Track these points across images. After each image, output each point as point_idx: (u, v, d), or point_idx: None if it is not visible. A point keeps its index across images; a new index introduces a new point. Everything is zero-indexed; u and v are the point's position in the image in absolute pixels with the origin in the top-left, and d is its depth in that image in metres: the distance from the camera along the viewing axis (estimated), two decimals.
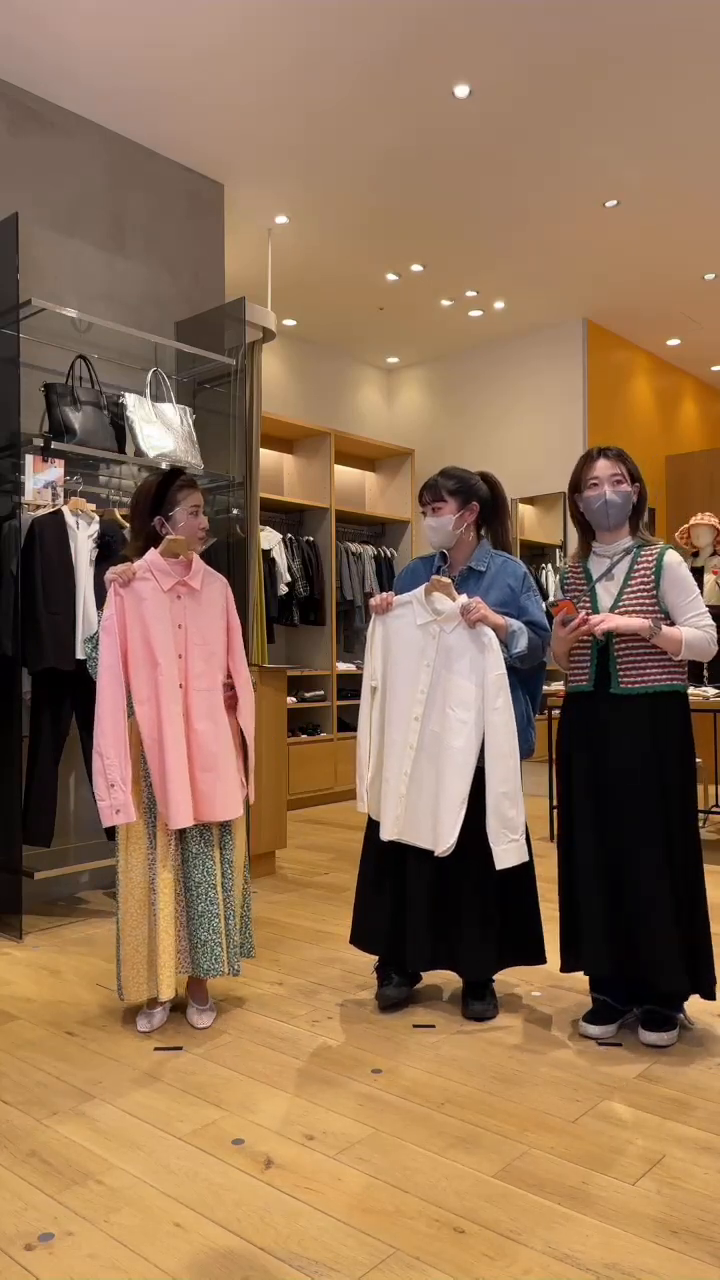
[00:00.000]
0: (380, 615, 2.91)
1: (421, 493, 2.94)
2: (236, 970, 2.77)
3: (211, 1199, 1.90)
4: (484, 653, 2.73)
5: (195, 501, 2.83)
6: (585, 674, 2.69)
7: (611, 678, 2.63)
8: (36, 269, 4.30)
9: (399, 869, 2.86)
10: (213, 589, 2.83)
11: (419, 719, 2.80)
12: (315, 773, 6.62)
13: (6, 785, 3.80)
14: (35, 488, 3.85)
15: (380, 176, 5.17)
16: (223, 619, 2.84)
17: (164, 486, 2.81)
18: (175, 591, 2.74)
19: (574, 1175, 1.98)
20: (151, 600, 2.70)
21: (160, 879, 2.69)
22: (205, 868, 2.72)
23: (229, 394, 4.64)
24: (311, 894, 4.30)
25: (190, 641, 2.74)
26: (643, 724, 2.60)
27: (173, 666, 2.70)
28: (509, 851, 2.68)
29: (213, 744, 2.73)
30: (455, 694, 2.75)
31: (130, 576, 2.69)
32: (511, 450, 7.68)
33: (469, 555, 2.92)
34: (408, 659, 2.83)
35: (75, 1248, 1.75)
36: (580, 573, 2.77)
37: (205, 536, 2.89)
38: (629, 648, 2.62)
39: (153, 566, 2.72)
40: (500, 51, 4.11)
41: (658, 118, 4.63)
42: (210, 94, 4.41)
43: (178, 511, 2.80)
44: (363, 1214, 1.85)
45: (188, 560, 2.78)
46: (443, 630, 2.79)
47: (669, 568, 2.62)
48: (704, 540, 6.03)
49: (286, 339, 7.50)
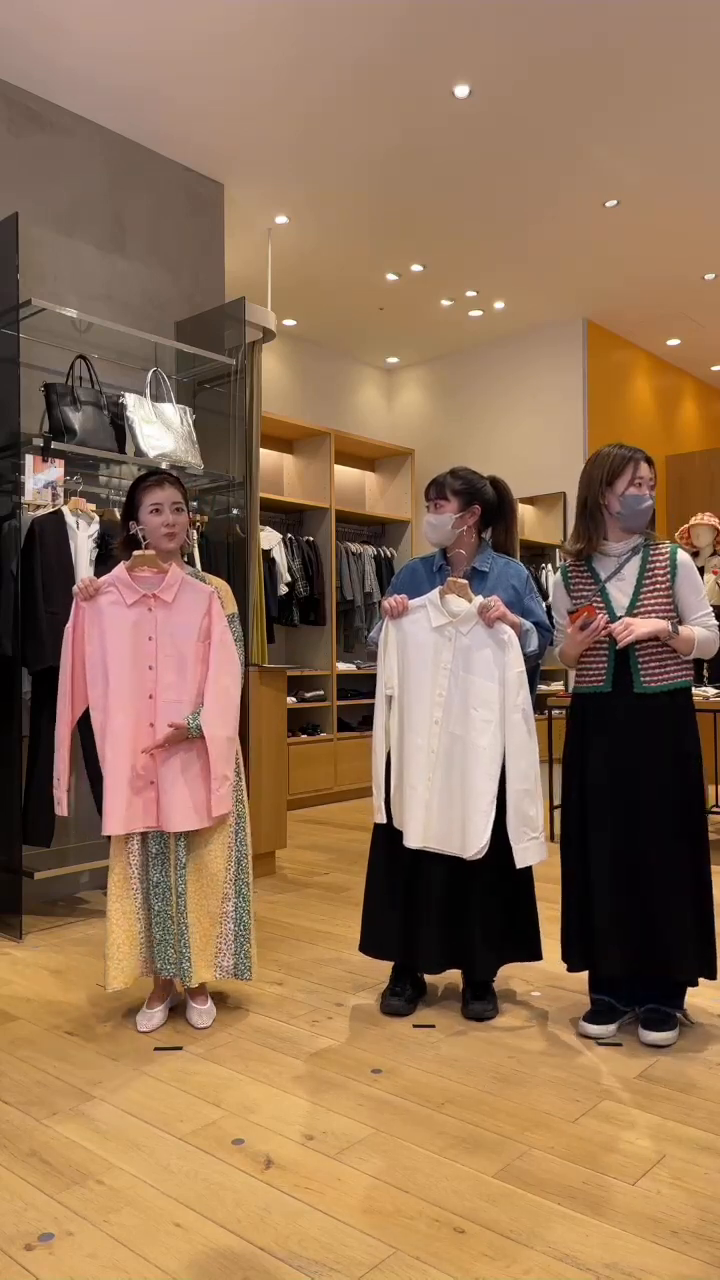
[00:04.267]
0: (394, 619, 2.86)
1: (428, 488, 2.94)
2: (186, 977, 2.71)
3: (211, 1199, 1.90)
4: (504, 650, 2.73)
5: (155, 499, 2.74)
6: (601, 675, 2.69)
7: (634, 677, 2.65)
8: (36, 269, 4.30)
9: (411, 875, 2.85)
10: (192, 600, 2.76)
11: (439, 723, 2.78)
12: (315, 773, 6.62)
13: (6, 785, 3.80)
14: (35, 488, 3.85)
15: (380, 176, 5.17)
16: (199, 630, 2.75)
17: (133, 489, 2.80)
18: (145, 604, 2.74)
19: (574, 1175, 1.98)
20: (110, 614, 2.73)
21: (128, 874, 2.77)
22: (163, 869, 2.76)
23: (229, 394, 4.64)
24: (311, 894, 4.29)
25: (161, 653, 2.74)
26: (664, 720, 2.64)
27: (142, 677, 2.74)
28: (529, 850, 2.69)
29: (177, 753, 2.73)
30: (477, 694, 2.74)
31: (93, 591, 2.74)
32: (511, 450, 7.68)
33: (472, 556, 2.93)
34: (423, 663, 2.81)
35: (75, 1248, 1.75)
36: (585, 572, 2.76)
37: (175, 535, 2.77)
38: (649, 648, 2.65)
39: (117, 581, 2.75)
40: (500, 51, 4.11)
41: (658, 118, 4.63)
42: (210, 94, 4.41)
43: (140, 512, 2.77)
44: (363, 1214, 1.85)
45: (160, 572, 2.75)
46: (459, 632, 2.78)
47: (683, 566, 2.67)
48: (704, 540, 6.03)
49: (286, 339, 7.50)
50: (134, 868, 2.78)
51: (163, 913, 2.75)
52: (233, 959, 2.81)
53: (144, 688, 2.74)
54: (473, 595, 2.78)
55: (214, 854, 2.79)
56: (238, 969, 2.81)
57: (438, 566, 2.97)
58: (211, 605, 2.77)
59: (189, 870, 2.75)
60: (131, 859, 2.77)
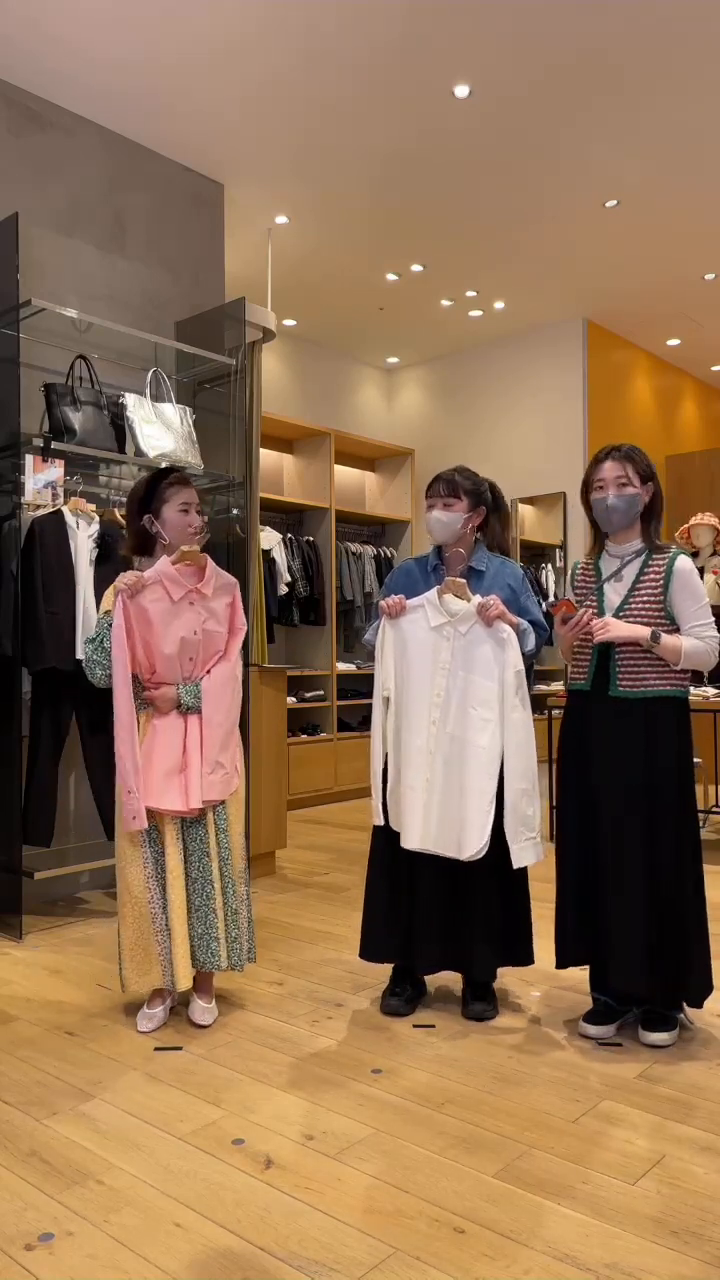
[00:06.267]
0: (392, 619, 2.85)
1: (436, 485, 2.89)
2: (238, 965, 2.78)
3: (211, 1199, 1.90)
4: (503, 649, 2.73)
5: (185, 499, 2.81)
6: (584, 673, 2.70)
7: (610, 680, 2.63)
8: (36, 269, 4.30)
9: (410, 877, 2.85)
10: (223, 593, 2.86)
11: (436, 723, 2.77)
12: (315, 773, 6.62)
13: (6, 785, 3.80)
14: (35, 488, 3.84)
15: (380, 176, 5.17)
16: (228, 621, 2.87)
17: (153, 484, 2.83)
18: (189, 599, 2.77)
19: (574, 1175, 1.98)
20: (155, 609, 2.73)
21: (170, 869, 2.71)
22: (202, 863, 2.75)
23: (229, 394, 4.64)
24: (311, 894, 4.29)
25: (202, 645, 2.80)
26: (637, 728, 2.60)
27: (183, 668, 2.79)
28: (526, 850, 2.69)
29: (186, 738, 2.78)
30: (476, 693, 2.74)
31: (139, 588, 2.71)
32: (511, 450, 7.68)
33: (469, 556, 2.92)
34: (422, 663, 2.80)
35: (75, 1248, 1.75)
36: (591, 570, 2.77)
37: (199, 534, 2.85)
38: (630, 652, 2.62)
39: (163, 576, 2.74)
40: (500, 51, 4.11)
41: (658, 118, 4.63)
42: (210, 94, 4.41)
43: (166, 509, 2.80)
44: (363, 1214, 1.85)
45: (200, 567, 2.80)
46: (457, 631, 2.78)
47: (679, 573, 2.60)
48: (704, 540, 6.03)
49: (286, 339, 7.50)
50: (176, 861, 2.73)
51: (204, 907, 2.74)
52: (248, 942, 2.85)
53: (183, 678, 2.80)
54: (471, 594, 2.79)
55: (234, 840, 2.81)
56: (249, 954, 2.86)
57: (432, 566, 2.96)
58: (235, 595, 2.87)
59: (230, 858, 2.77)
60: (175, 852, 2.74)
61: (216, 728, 2.76)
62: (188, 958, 2.70)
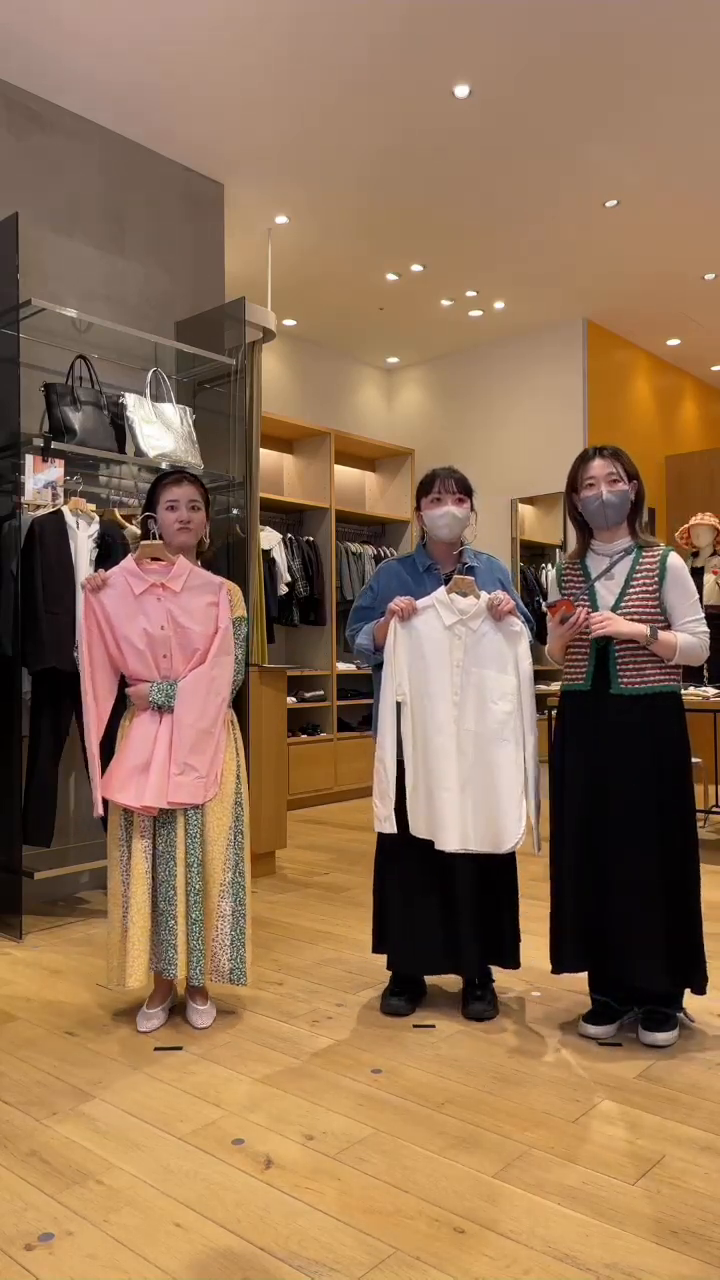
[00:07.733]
0: (403, 622, 2.81)
1: (445, 481, 2.87)
2: (196, 980, 2.72)
3: (211, 1199, 1.90)
4: (517, 643, 2.78)
5: (173, 496, 2.83)
6: (582, 673, 2.70)
7: (611, 678, 2.64)
8: (36, 269, 4.30)
9: (425, 881, 2.84)
10: (201, 590, 2.80)
11: (456, 721, 2.76)
12: (315, 773, 6.62)
13: (6, 785, 3.80)
14: (35, 488, 3.84)
15: (380, 176, 5.17)
16: (210, 622, 2.79)
17: (153, 485, 2.90)
18: (154, 593, 2.76)
19: (574, 1175, 1.98)
20: (115, 605, 2.76)
21: (134, 869, 2.73)
22: (168, 867, 2.73)
23: (229, 394, 4.64)
24: (311, 894, 4.29)
25: (174, 642, 2.77)
26: (640, 723, 2.61)
27: (157, 666, 2.78)
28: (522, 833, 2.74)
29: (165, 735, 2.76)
30: (494, 688, 2.76)
31: (100, 584, 2.77)
32: (511, 450, 7.68)
33: (459, 554, 2.94)
34: (437, 663, 2.78)
35: (75, 1248, 1.75)
36: (578, 570, 2.77)
37: (189, 530, 2.83)
38: (629, 649, 2.63)
39: (125, 571, 2.78)
40: (500, 51, 4.11)
41: (658, 118, 4.63)
42: (210, 93, 4.41)
43: (159, 507, 2.86)
44: (363, 1214, 1.85)
45: (168, 563, 2.79)
46: (469, 629, 2.79)
47: (672, 570, 2.64)
48: (704, 540, 6.03)
49: (286, 339, 7.50)
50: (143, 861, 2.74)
51: (166, 912, 2.72)
52: (229, 963, 2.76)
53: (154, 675, 2.78)
54: (479, 591, 2.80)
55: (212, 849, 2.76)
56: (234, 974, 2.75)
57: (425, 566, 2.94)
58: (221, 596, 2.82)
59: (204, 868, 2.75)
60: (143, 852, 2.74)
61: (187, 729, 2.72)
62: (143, 956, 2.69)
